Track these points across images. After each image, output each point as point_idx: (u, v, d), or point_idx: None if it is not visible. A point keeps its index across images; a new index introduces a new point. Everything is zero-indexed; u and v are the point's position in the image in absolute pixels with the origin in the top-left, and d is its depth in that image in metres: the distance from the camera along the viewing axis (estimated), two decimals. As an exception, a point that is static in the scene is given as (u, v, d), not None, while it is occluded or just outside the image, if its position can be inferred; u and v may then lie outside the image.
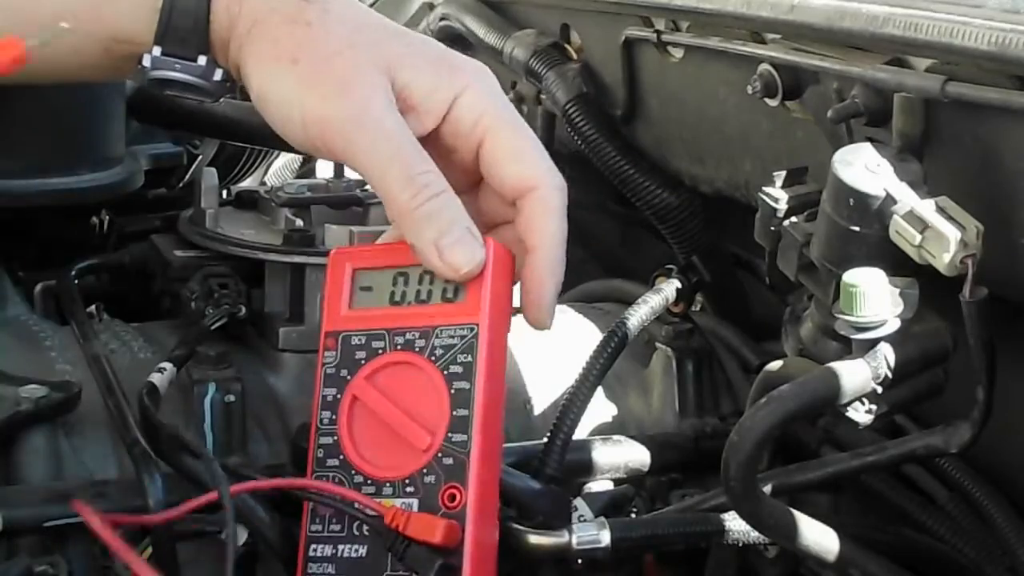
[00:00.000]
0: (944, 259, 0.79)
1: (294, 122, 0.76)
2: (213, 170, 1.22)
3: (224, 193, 1.27)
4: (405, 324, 0.79)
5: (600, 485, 1.03)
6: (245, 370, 1.04)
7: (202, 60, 0.78)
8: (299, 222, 1.15)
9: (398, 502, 0.76)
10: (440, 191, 0.76)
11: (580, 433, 1.00)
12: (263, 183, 1.81)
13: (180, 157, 1.45)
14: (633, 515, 0.99)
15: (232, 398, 1.00)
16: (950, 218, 0.80)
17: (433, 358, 0.78)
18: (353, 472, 0.78)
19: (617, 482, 1.04)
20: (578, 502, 0.98)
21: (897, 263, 0.83)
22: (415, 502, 0.76)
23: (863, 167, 0.83)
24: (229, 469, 0.86)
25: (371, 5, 1.73)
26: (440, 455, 0.76)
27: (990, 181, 0.83)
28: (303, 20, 0.76)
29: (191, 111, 1.31)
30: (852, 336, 0.83)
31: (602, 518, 0.93)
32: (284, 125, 0.76)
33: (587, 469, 1.03)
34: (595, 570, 0.92)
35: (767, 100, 1.00)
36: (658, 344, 1.16)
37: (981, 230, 0.79)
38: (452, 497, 0.76)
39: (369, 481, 0.78)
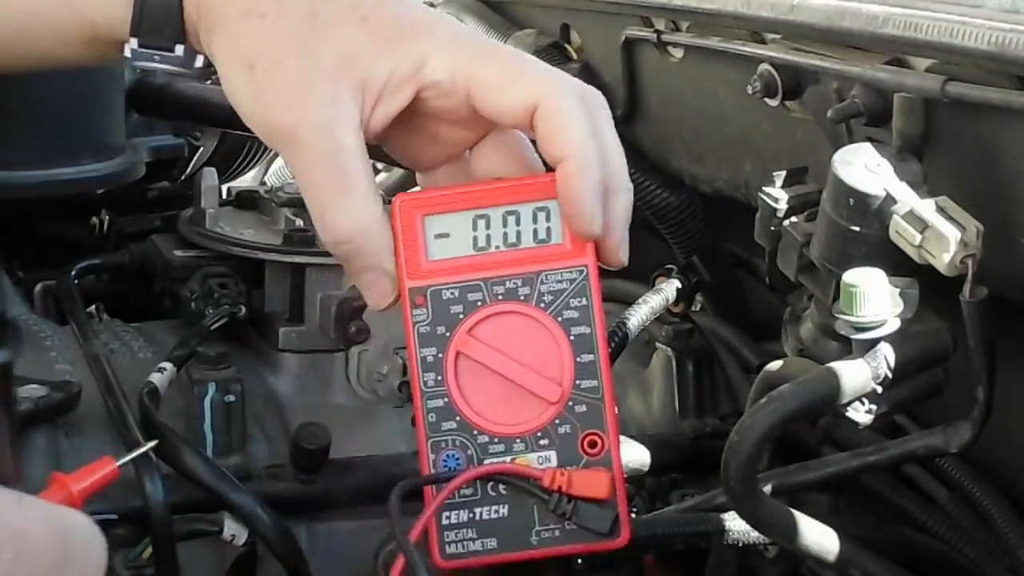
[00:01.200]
0: (944, 259, 0.79)
1: (255, 128, 0.76)
2: (213, 170, 1.23)
3: (224, 193, 1.27)
4: (500, 271, 0.75)
5: (600, 485, 1.03)
6: (245, 370, 1.04)
7: (179, 50, 0.78)
8: (299, 222, 1.15)
9: (533, 456, 0.74)
10: (349, 236, 0.74)
11: (580, 433, 1.00)
12: (263, 183, 1.81)
13: (181, 149, 1.45)
14: (633, 515, 0.99)
15: (232, 398, 1.00)
16: (950, 218, 0.80)
17: (543, 305, 0.75)
18: (475, 432, 0.75)
19: (617, 482, 1.04)
20: (578, 502, 0.97)
21: (897, 263, 0.83)
22: (552, 454, 0.74)
23: (863, 167, 0.83)
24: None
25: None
26: (572, 403, 0.74)
27: (990, 181, 0.83)
28: (258, 12, 0.75)
29: (191, 102, 1.31)
30: (852, 336, 0.83)
31: (602, 518, 0.93)
32: (251, 129, 0.77)
33: (587, 469, 1.03)
34: (595, 570, 0.92)
35: (767, 100, 1.00)
36: (658, 344, 1.16)
37: (981, 230, 0.79)
38: (593, 444, 0.74)
39: (496, 439, 0.75)
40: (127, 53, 0.78)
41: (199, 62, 0.79)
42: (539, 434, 0.74)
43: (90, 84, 1.25)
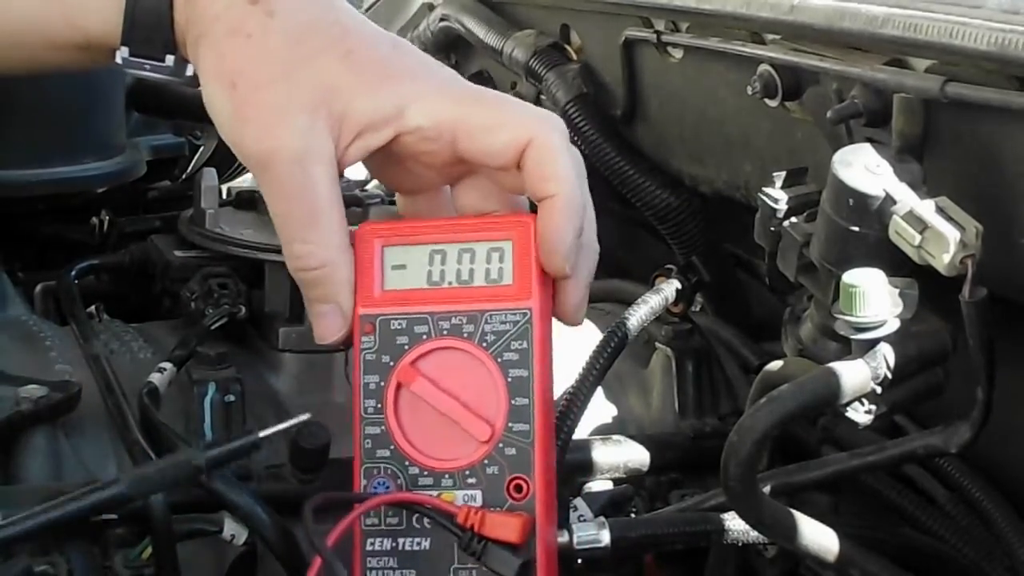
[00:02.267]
0: (944, 259, 0.79)
1: (231, 146, 0.77)
2: (213, 170, 1.23)
3: (224, 193, 1.28)
4: (449, 307, 0.76)
5: (600, 485, 1.03)
6: (245, 370, 1.04)
7: (170, 60, 0.79)
8: (299, 222, 1.15)
9: (459, 493, 0.75)
10: (313, 267, 0.76)
11: (580, 433, 1.00)
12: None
13: (182, 148, 1.45)
14: (633, 515, 0.99)
15: (232, 398, 1.00)
16: (950, 218, 0.80)
17: (485, 344, 0.76)
18: (407, 463, 0.76)
19: (617, 482, 1.04)
20: (578, 502, 0.98)
21: (897, 263, 0.83)
22: (478, 494, 0.75)
23: (863, 167, 0.83)
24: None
25: (370, 7, 1.73)
26: (502, 445, 0.75)
27: (990, 181, 0.83)
28: (244, 32, 0.75)
29: (192, 101, 1.31)
30: (852, 336, 0.83)
31: (602, 518, 0.93)
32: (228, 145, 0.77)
33: (587, 469, 1.03)
34: (595, 570, 0.92)
35: (767, 100, 1.01)
36: (658, 344, 1.16)
37: (981, 230, 0.79)
38: (519, 488, 0.74)
39: (426, 472, 0.76)
40: (118, 60, 0.78)
41: (189, 71, 0.79)
42: (467, 472, 0.75)
43: (91, 83, 1.25)
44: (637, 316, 1.05)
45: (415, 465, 0.76)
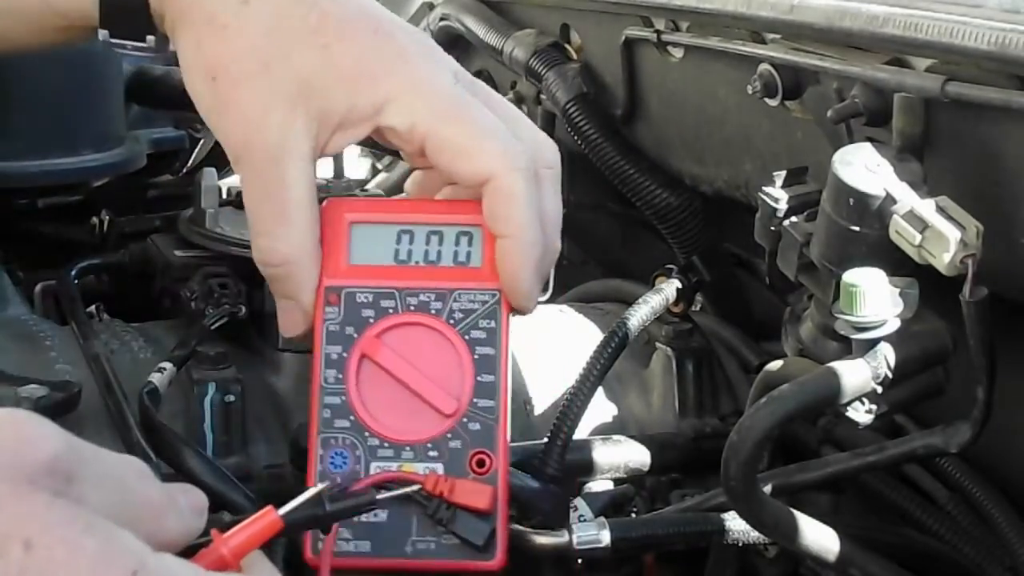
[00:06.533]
0: (944, 259, 0.79)
1: (215, 134, 0.77)
2: (213, 170, 1.22)
3: (224, 192, 1.27)
4: (416, 284, 0.77)
5: (600, 485, 1.03)
6: (245, 370, 1.04)
7: (150, 40, 0.79)
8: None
9: (420, 466, 0.75)
10: (276, 263, 0.76)
11: (580, 433, 1.00)
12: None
13: (182, 141, 1.45)
14: (633, 515, 0.99)
15: (232, 398, 1.00)
16: (950, 218, 0.80)
17: (452, 321, 0.76)
18: (367, 434, 0.76)
19: (617, 482, 1.04)
20: (578, 502, 0.98)
21: (897, 263, 0.83)
22: (440, 467, 0.75)
23: (863, 167, 0.83)
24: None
25: (370, 6, 1.73)
26: (466, 420, 0.75)
27: (990, 181, 0.83)
28: (220, 22, 0.75)
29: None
30: (852, 336, 0.83)
31: (602, 518, 0.93)
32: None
33: (587, 469, 1.03)
34: (595, 570, 0.92)
35: (767, 100, 1.00)
36: (658, 344, 1.16)
37: (981, 230, 0.79)
38: (481, 463, 0.75)
39: (386, 444, 0.76)
40: (100, 39, 0.79)
41: (172, 46, 0.79)
42: (429, 445, 0.75)
43: (90, 75, 1.25)
44: (637, 316, 1.05)
45: (375, 436, 0.76)
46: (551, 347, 1.14)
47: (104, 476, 0.54)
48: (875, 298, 0.81)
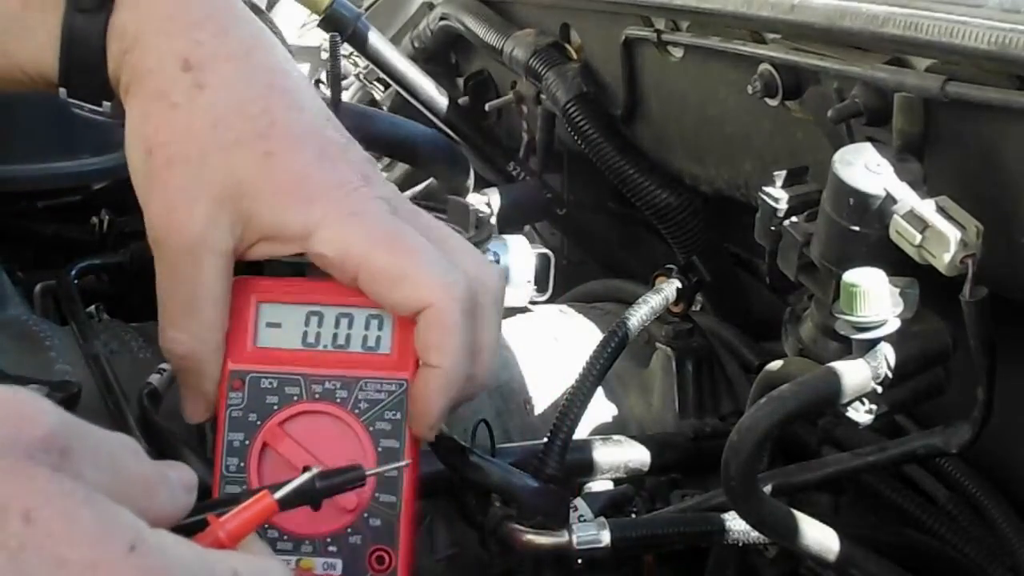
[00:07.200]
0: (944, 259, 0.79)
1: (142, 206, 0.75)
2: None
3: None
4: (323, 371, 0.75)
5: (600, 485, 1.03)
6: (245, 370, 1.04)
7: (107, 106, 0.78)
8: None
9: (319, 561, 0.73)
10: (180, 355, 0.75)
11: (580, 433, 1.00)
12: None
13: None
14: (633, 515, 0.99)
15: (232, 398, 0.99)
16: (950, 218, 0.80)
17: (357, 411, 0.74)
18: (267, 527, 0.72)
19: (617, 482, 1.04)
20: (578, 502, 0.98)
21: (897, 263, 0.83)
22: (339, 563, 0.73)
23: (863, 167, 0.83)
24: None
25: (369, 7, 1.73)
26: (367, 515, 0.73)
27: (990, 181, 0.83)
28: (170, 100, 0.73)
29: None
30: (852, 336, 0.83)
31: (602, 518, 0.93)
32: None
33: (587, 469, 1.03)
34: (595, 570, 0.92)
35: (767, 100, 1.01)
36: (658, 344, 1.16)
37: (981, 230, 0.79)
38: (381, 560, 0.73)
39: (285, 537, 0.73)
40: (61, 98, 0.78)
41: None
42: (329, 539, 0.73)
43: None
44: (637, 316, 1.05)
45: (275, 528, 0.73)
46: (551, 347, 1.14)
47: (98, 452, 0.55)
48: (875, 298, 0.81)
